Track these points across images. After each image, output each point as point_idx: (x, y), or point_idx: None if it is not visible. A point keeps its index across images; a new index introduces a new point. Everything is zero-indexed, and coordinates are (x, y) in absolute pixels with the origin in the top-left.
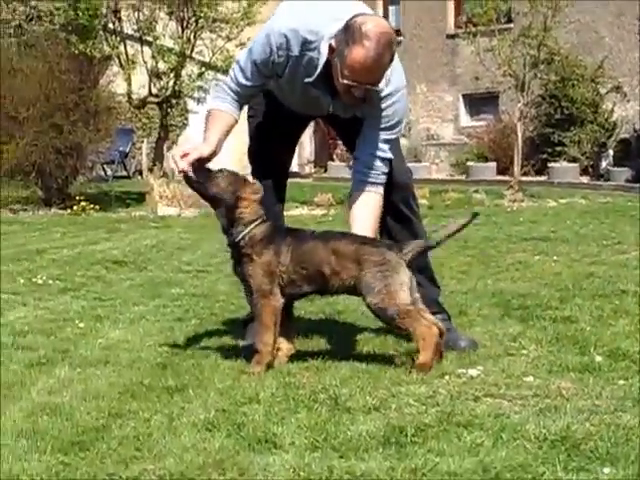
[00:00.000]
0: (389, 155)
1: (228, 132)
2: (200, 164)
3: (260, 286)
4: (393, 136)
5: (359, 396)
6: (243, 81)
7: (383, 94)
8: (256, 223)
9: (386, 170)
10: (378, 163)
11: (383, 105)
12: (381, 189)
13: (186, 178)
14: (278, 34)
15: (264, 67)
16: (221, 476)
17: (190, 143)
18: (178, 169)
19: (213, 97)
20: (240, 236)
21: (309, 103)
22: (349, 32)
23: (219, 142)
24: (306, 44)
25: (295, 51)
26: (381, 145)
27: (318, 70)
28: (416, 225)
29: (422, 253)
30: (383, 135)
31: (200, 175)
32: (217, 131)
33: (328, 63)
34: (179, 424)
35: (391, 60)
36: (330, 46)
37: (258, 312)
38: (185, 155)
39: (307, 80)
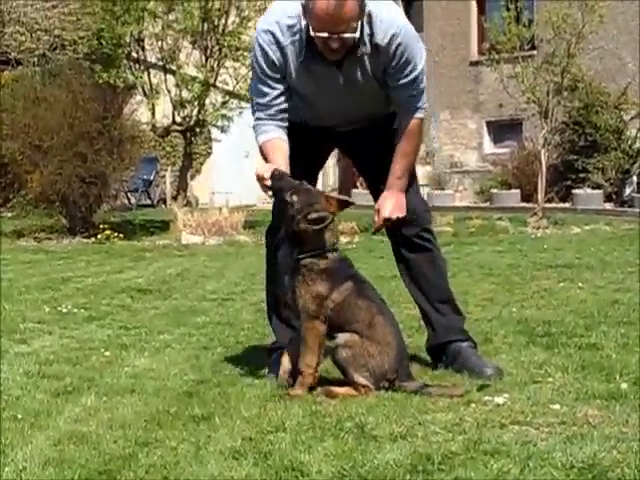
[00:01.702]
0: (418, 92)
1: (287, 156)
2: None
3: (307, 308)
4: (414, 78)
5: (385, 424)
6: (267, 92)
7: (383, 43)
8: (326, 250)
9: (419, 101)
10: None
11: (390, 54)
12: (415, 115)
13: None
14: (263, 33)
15: (270, 69)
16: None
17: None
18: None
19: (257, 135)
20: (304, 256)
21: (323, 86)
22: None
23: (287, 165)
24: (290, 29)
25: (285, 41)
26: (408, 98)
27: (303, 42)
28: (434, 253)
29: None
30: (406, 86)
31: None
32: (281, 156)
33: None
34: (206, 452)
35: (360, 8)
36: (302, 9)
37: (302, 333)
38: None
39: (300, 59)
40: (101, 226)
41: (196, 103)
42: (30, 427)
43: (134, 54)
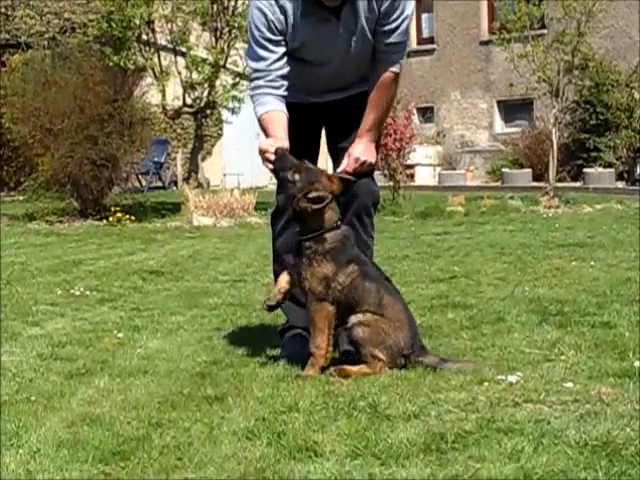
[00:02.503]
0: (400, 42)
1: (286, 128)
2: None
3: (314, 290)
4: (398, 25)
5: (398, 403)
6: (266, 56)
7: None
8: (328, 230)
9: (398, 54)
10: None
11: (383, 8)
12: (392, 68)
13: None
14: None
15: (270, 32)
16: None
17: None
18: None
19: (256, 105)
20: (306, 237)
21: (323, 38)
22: None
23: (287, 138)
24: None
25: None
26: (389, 46)
27: None
28: (361, 239)
29: None
30: (390, 33)
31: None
32: (281, 129)
33: None
34: (219, 433)
35: None
36: None
37: (311, 315)
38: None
39: (300, 11)
40: (112, 208)
41: (206, 85)
42: (43, 409)
43: (144, 36)
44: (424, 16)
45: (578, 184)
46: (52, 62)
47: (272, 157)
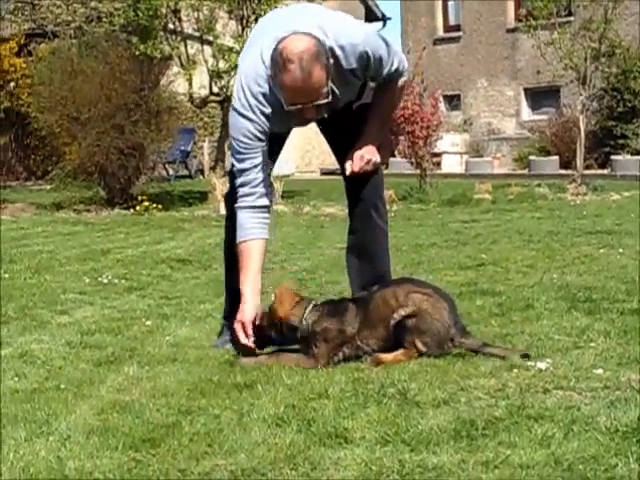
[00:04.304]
0: (394, 67)
1: (262, 260)
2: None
3: (317, 352)
4: (391, 63)
5: (428, 390)
6: (248, 168)
7: (356, 65)
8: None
9: (402, 70)
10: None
11: (365, 63)
12: (399, 80)
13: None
14: (246, 117)
15: (256, 140)
16: (293, 471)
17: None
18: (251, 347)
19: (238, 224)
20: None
21: (306, 122)
22: (274, 62)
23: (257, 291)
24: (265, 97)
25: (266, 109)
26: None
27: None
28: (379, 226)
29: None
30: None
31: (258, 336)
32: (248, 280)
33: None
34: (249, 420)
35: (326, 71)
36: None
37: (299, 360)
38: (243, 329)
39: (281, 115)
40: (139, 197)
41: (233, 73)
42: (73, 397)
43: (170, 25)
44: (450, 3)
45: (605, 171)
46: (79, 51)
47: (244, 341)
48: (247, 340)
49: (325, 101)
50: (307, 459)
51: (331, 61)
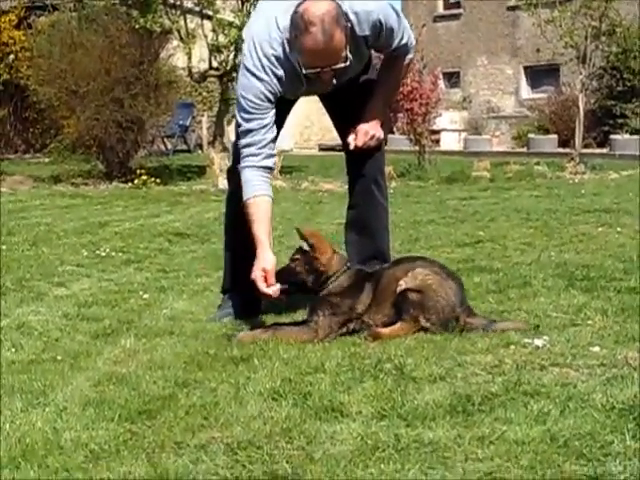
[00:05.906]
0: (404, 41)
1: (270, 217)
2: (276, 273)
3: (320, 323)
4: (401, 37)
5: (424, 365)
6: (255, 129)
7: (369, 32)
8: (338, 274)
9: (407, 48)
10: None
11: (377, 32)
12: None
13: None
14: (256, 76)
15: (265, 101)
16: (288, 444)
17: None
18: (273, 297)
19: (244, 183)
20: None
21: (314, 91)
22: (294, 25)
23: (270, 238)
24: (279, 60)
25: (279, 71)
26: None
27: (294, 66)
28: (379, 201)
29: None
30: (396, 44)
31: (285, 280)
32: (263, 229)
33: None
34: (245, 393)
35: (345, 34)
36: (288, 44)
37: (297, 330)
38: (264, 277)
39: (295, 78)
40: (138, 171)
41: (232, 48)
42: (70, 368)
43: None
44: None
45: (604, 150)
46: (78, 24)
47: (267, 290)
48: (268, 289)
49: (343, 65)
50: (303, 433)
51: (349, 25)
